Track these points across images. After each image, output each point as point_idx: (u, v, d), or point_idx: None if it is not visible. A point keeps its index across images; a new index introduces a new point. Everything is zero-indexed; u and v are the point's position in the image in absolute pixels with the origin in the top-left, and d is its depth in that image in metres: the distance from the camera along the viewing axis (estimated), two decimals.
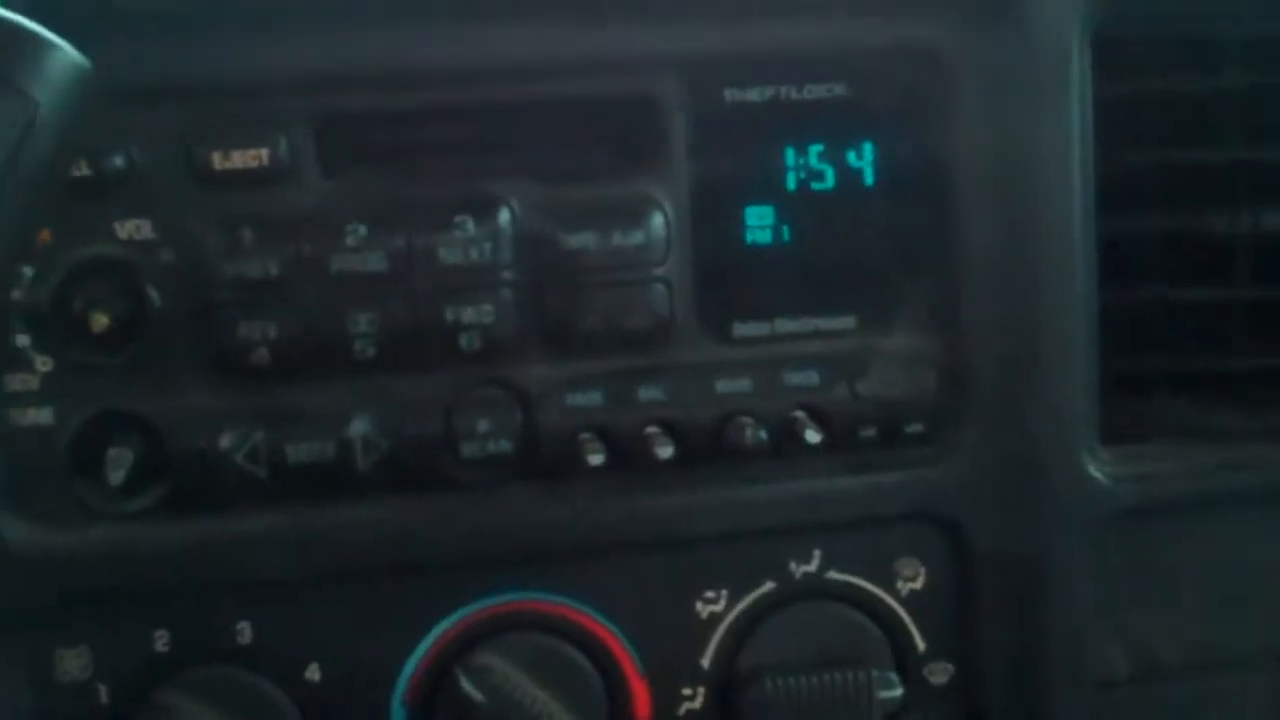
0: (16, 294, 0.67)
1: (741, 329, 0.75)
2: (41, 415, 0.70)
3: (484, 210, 0.71)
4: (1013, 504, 0.78)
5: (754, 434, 0.73)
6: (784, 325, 0.76)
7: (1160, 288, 0.79)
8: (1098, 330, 0.77)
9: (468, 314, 0.71)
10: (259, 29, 0.68)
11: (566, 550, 0.76)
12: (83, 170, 0.66)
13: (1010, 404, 0.77)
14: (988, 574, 0.79)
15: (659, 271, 0.73)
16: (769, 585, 0.78)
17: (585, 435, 0.73)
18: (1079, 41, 0.74)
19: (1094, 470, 0.77)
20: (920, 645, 0.80)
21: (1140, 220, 0.78)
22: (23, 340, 0.69)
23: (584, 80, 0.72)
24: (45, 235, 0.67)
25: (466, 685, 0.73)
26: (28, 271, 0.67)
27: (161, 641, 0.73)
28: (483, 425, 0.72)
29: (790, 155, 0.74)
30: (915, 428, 0.76)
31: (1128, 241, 0.77)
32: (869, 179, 0.75)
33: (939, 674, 0.80)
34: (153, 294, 0.69)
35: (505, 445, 0.73)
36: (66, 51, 0.51)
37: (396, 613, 0.75)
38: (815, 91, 0.74)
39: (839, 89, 0.74)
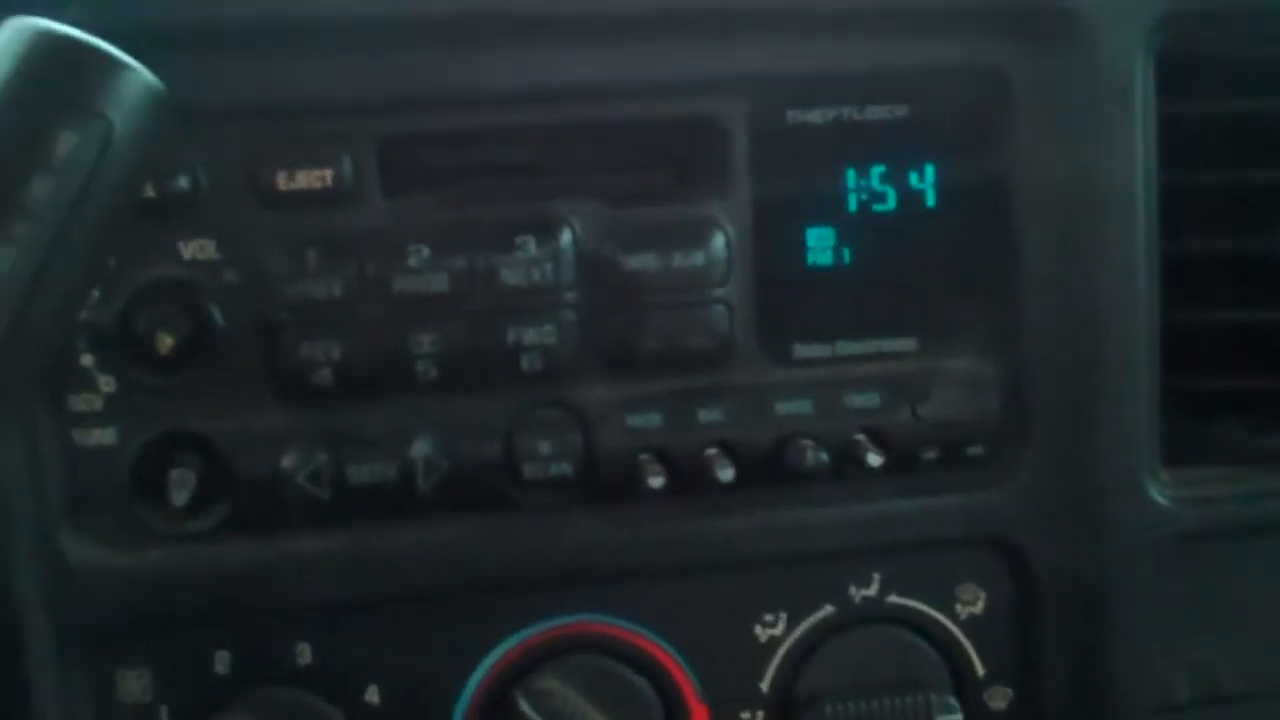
0: (82, 314, 0.67)
1: (802, 350, 0.75)
2: (105, 435, 0.70)
3: (546, 231, 0.71)
4: (1074, 527, 0.77)
5: (814, 456, 0.73)
6: (845, 347, 0.75)
7: (1222, 309, 0.78)
8: (1159, 352, 0.76)
9: (529, 335, 0.70)
10: (323, 50, 0.68)
11: (626, 572, 0.75)
12: (148, 191, 0.66)
13: (1072, 426, 0.76)
14: (1048, 598, 0.78)
15: (719, 292, 0.73)
16: (828, 609, 0.78)
17: (645, 457, 0.73)
18: (1142, 61, 0.74)
19: (1156, 494, 0.77)
20: (980, 670, 0.79)
21: (1203, 241, 0.77)
22: (87, 360, 0.69)
23: (646, 102, 0.72)
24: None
25: (526, 708, 0.73)
26: (93, 292, 0.67)
27: (222, 663, 0.72)
28: (543, 447, 0.72)
29: (852, 176, 0.74)
30: (976, 450, 0.76)
31: (1190, 262, 0.76)
32: (931, 200, 0.75)
33: (998, 699, 0.80)
34: (216, 314, 0.69)
35: (565, 467, 0.72)
36: (141, 73, 0.51)
37: (456, 635, 0.74)
38: (877, 113, 0.74)
39: (901, 110, 0.74)
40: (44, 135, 0.49)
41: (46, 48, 0.50)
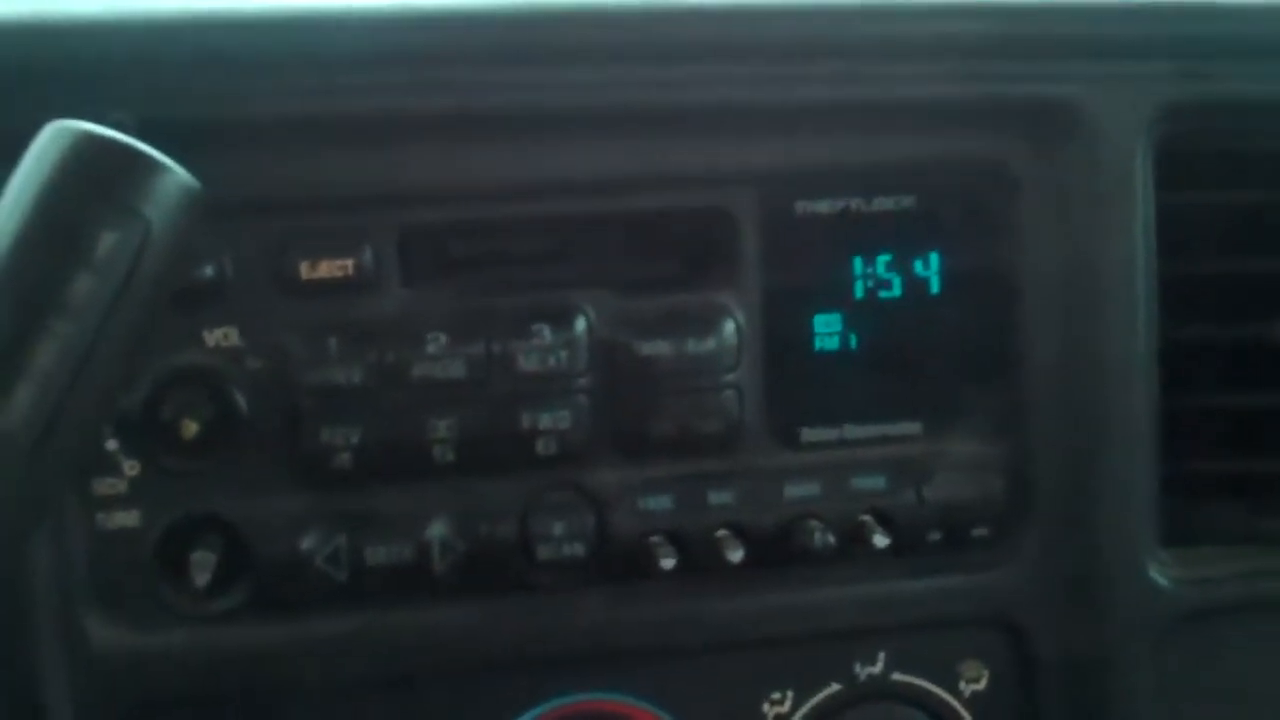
0: None
1: (810, 434, 0.76)
2: (129, 518, 0.71)
3: (560, 319, 0.72)
4: (1076, 607, 0.79)
5: (822, 537, 0.75)
6: (852, 431, 0.77)
7: (1221, 394, 0.80)
8: (1159, 435, 0.77)
9: (544, 420, 0.72)
10: (345, 145, 0.69)
11: (637, 651, 0.77)
12: None
13: (1074, 508, 0.78)
14: (1050, 676, 0.80)
15: (730, 378, 0.74)
16: (834, 686, 0.79)
17: (656, 538, 0.75)
18: (1142, 153, 0.75)
19: (1156, 574, 0.78)
20: None
21: (1202, 328, 0.78)
22: (111, 445, 0.70)
23: (659, 194, 0.73)
24: None
25: None
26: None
27: None
28: (557, 529, 0.74)
29: (858, 265, 0.76)
30: (980, 531, 0.77)
31: (1189, 348, 0.78)
32: (935, 288, 0.76)
33: None
34: (240, 400, 0.70)
35: (579, 548, 0.74)
36: (178, 174, 0.52)
37: (471, 712, 0.76)
38: (884, 203, 0.75)
39: (907, 201, 0.76)
40: (85, 235, 0.50)
41: (88, 150, 0.51)
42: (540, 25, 0.70)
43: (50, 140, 0.51)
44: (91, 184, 0.51)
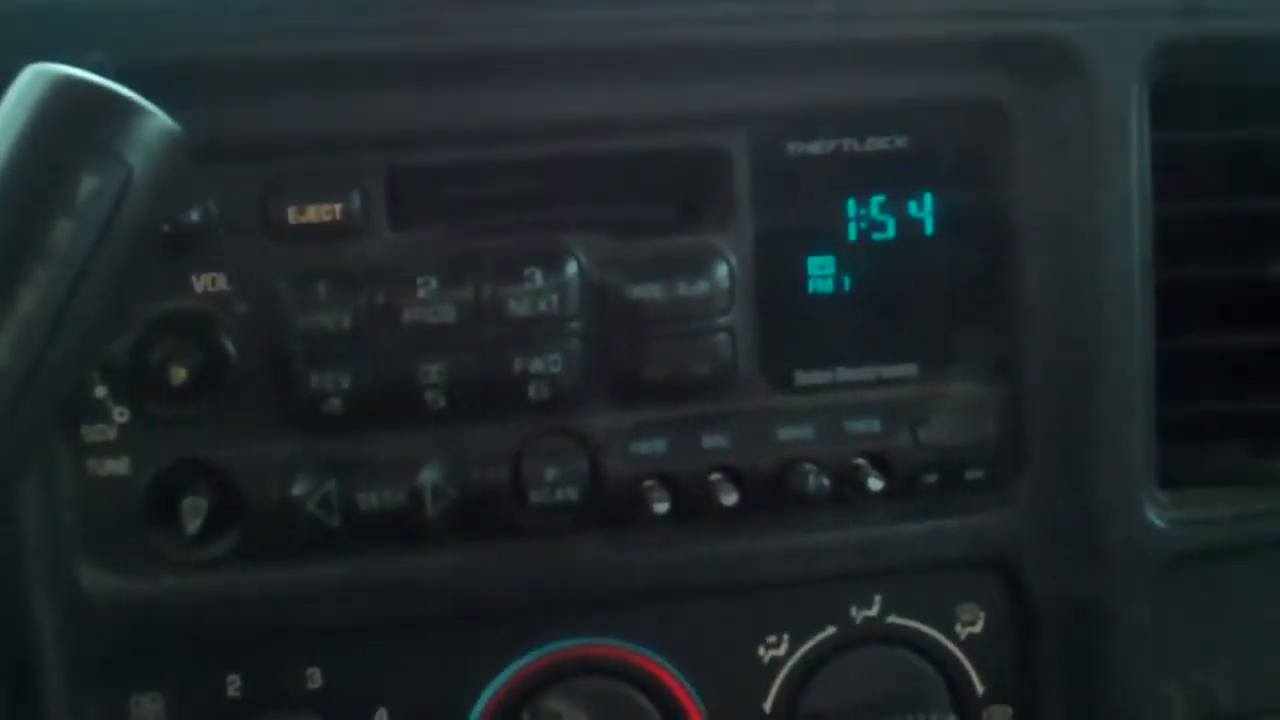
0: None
1: (804, 377, 0.76)
2: (119, 465, 0.71)
3: (552, 262, 0.72)
4: (1072, 549, 0.78)
5: (816, 481, 0.74)
6: (846, 373, 0.76)
7: (1217, 334, 0.79)
8: (1155, 376, 0.77)
9: (536, 364, 0.71)
10: (331, 88, 0.69)
11: (631, 596, 0.76)
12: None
13: (1070, 450, 0.77)
14: (1047, 618, 0.79)
15: (723, 321, 0.74)
16: (830, 630, 0.79)
17: (649, 483, 0.74)
18: (1138, 92, 0.74)
19: (1153, 515, 0.78)
20: (979, 689, 0.80)
21: (1198, 267, 0.78)
22: (100, 392, 0.70)
23: (651, 135, 0.73)
24: None
25: None
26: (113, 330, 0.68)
27: (234, 687, 0.73)
28: (550, 473, 0.73)
29: (852, 206, 0.75)
30: (975, 474, 0.77)
31: (1186, 288, 0.77)
32: (929, 229, 0.76)
33: (998, 717, 0.81)
34: (228, 346, 0.70)
35: (572, 493, 0.74)
36: (159, 118, 0.52)
37: (464, 658, 0.75)
38: (877, 144, 0.75)
39: (900, 141, 0.75)
40: (65, 179, 0.50)
41: (67, 93, 0.51)
42: None
43: (29, 83, 0.51)
44: (72, 128, 0.50)
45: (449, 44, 0.69)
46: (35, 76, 0.51)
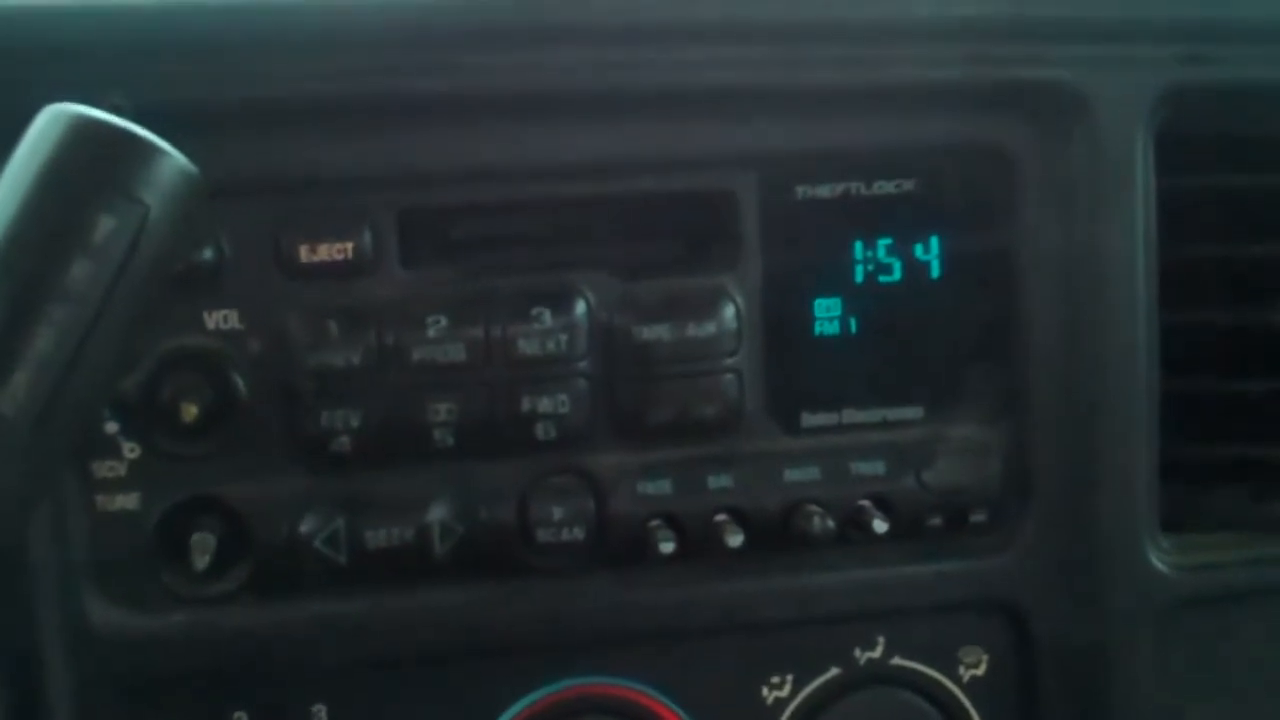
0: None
1: (810, 419, 0.76)
2: (129, 501, 0.71)
3: (561, 302, 0.72)
4: (1075, 592, 0.79)
5: (821, 523, 0.74)
6: (851, 415, 0.77)
7: (1221, 379, 0.80)
8: (1159, 420, 0.77)
9: (544, 404, 0.72)
10: (344, 127, 0.69)
11: (636, 635, 0.77)
12: None
13: (1074, 493, 0.78)
14: (1050, 661, 0.80)
15: (730, 362, 0.74)
16: (834, 671, 0.79)
17: (656, 522, 0.75)
18: (1143, 137, 0.75)
19: (1156, 559, 0.78)
20: None
21: (1202, 312, 0.78)
22: (111, 428, 0.70)
23: (660, 177, 0.73)
24: None
25: None
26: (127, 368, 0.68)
27: None
28: (557, 513, 0.74)
29: (859, 249, 0.75)
30: (980, 516, 0.77)
31: (1190, 332, 0.78)
32: (936, 272, 0.76)
33: None
34: (239, 383, 0.70)
35: (578, 532, 0.74)
36: (176, 158, 0.52)
37: (469, 697, 0.76)
38: (884, 187, 0.75)
39: (907, 185, 0.76)
40: (83, 219, 0.50)
41: (85, 134, 0.51)
42: (540, 6, 0.70)
43: (48, 124, 0.51)
44: (89, 168, 0.51)
45: (460, 86, 0.70)
46: (53, 117, 0.51)
